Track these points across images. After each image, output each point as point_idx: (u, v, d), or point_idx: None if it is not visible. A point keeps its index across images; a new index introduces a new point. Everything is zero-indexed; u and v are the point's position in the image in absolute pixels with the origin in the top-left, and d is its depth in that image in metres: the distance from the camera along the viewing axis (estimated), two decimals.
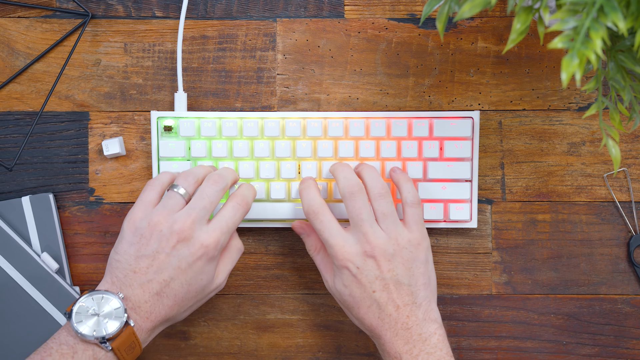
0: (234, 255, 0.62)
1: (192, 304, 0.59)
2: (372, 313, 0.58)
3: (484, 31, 0.68)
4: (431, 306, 0.59)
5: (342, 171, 0.62)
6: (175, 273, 0.57)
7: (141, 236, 0.57)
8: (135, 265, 0.56)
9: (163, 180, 0.61)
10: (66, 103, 0.69)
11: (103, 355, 0.54)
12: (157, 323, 0.57)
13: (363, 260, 0.58)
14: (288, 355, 0.69)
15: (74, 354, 0.53)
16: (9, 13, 0.69)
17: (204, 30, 0.69)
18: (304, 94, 0.69)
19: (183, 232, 0.56)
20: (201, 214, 0.58)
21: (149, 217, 0.57)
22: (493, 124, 0.69)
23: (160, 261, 0.56)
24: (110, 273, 0.57)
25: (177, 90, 0.67)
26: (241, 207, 0.60)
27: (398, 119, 0.66)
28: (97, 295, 0.55)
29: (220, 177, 0.60)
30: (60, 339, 0.54)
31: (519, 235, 0.69)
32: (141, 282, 0.56)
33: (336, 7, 0.69)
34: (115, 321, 0.54)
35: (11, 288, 0.66)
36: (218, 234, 0.58)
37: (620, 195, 0.69)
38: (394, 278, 0.58)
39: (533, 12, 0.47)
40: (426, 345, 0.57)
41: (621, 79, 0.52)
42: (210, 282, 0.59)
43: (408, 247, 0.59)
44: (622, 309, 0.69)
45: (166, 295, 0.57)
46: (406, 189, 0.62)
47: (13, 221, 0.67)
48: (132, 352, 0.55)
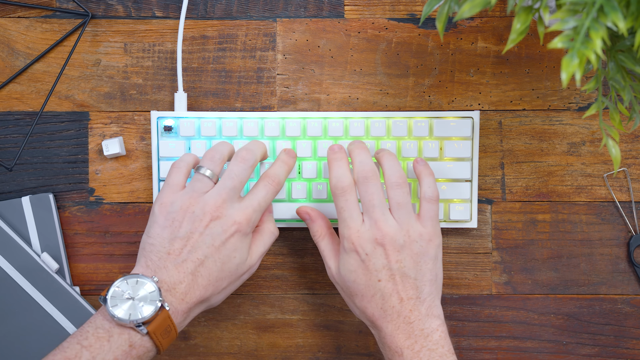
0: (267, 238, 0.62)
1: (226, 284, 0.59)
2: (375, 303, 0.58)
3: (484, 31, 0.68)
4: (435, 302, 0.59)
5: (359, 154, 0.61)
6: (210, 251, 0.57)
7: (173, 219, 0.58)
8: (169, 247, 0.57)
9: (188, 161, 0.61)
10: (66, 103, 0.69)
11: (139, 339, 0.54)
12: (192, 304, 0.56)
13: (373, 247, 0.58)
14: (288, 355, 0.70)
15: (109, 338, 0.53)
16: (9, 13, 0.69)
17: (204, 30, 0.69)
18: (304, 94, 0.69)
19: (215, 211, 0.57)
20: (231, 194, 0.58)
21: (180, 200, 0.58)
22: (493, 124, 0.69)
23: (194, 241, 0.57)
24: (145, 257, 0.57)
25: (177, 90, 0.67)
26: (272, 186, 0.60)
27: (398, 119, 0.66)
28: (131, 279, 0.55)
29: (248, 153, 0.60)
30: (96, 322, 0.55)
31: (519, 235, 0.69)
32: (176, 263, 0.56)
33: (336, 7, 0.69)
34: (150, 305, 0.54)
35: (11, 288, 0.66)
36: (250, 211, 0.58)
37: (620, 195, 0.69)
38: (401, 270, 0.58)
39: (533, 12, 0.47)
40: (428, 341, 0.57)
41: (621, 79, 0.52)
42: (243, 262, 0.59)
43: (419, 241, 0.59)
44: (622, 309, 0.69)
45: (200, 274, 0.57)
46: (427, 183, 0.61)
47: (13, 221, 0.67)
48: (167, 337, 0.55)
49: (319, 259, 0.69)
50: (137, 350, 0.54)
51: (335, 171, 0.61)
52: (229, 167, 0.59)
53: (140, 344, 0.54)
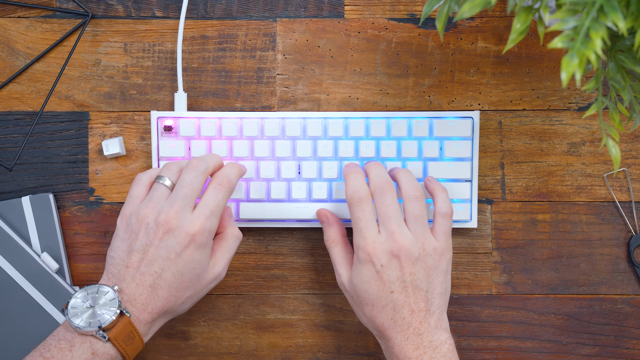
0: (231, 243, 0.61)
1: (191, 294, 0.58)
2: (386, 313, 0.58)
3: (484, 31, 0.68)
4: (443, 315, 0.59)
5: (376, 169, 0.61)
6: (166, 264, 0.57)
7: (131, 231, 0.58)
8: (127, 260, 0.57)
9: (151, 174, 0.61)
10: (66, 103, 0.69)
11: (101, 346, 0.54)
12: (155, 315, 0.56)
13: (389, 259, 0.58)
14: (288, 355, 0.69)
15: (71, 348, 0.53)
16: (9, 13, 0.69)
17: (204, 30, 0.69)
18: (304, 94, 0.69)
19: (168, 223, 0.57)
20: (184, 202, 0.57)
21: (137, 212, 0.58)
22: (493, 124, 0.69)
23: (150, 254, 0.57)
24: (107, 270, 0.58)
25: (177, 90, 0.67)
26: (223, 187, 0.59)
27: (398, 119, 0.66)
28: (92, 289, 0.56)
29: (199, 162, 0.60)
30: (58, 335, 0.55)
31: (519, 235, 0.69)
32: (134, 276, 0.56)
33: (336, 7, 0.69)
34: (110, 311, 0.54)
35: (11, 288, 0.66)
36: (202, 220, 0.57)
37: (620, 195, 0.69)
38: (414, 282, 0.58)
39: (533, 12, 0.47)
40: (436, 353, 0.57)
41: (621, 79, 0.52)
42: (205, 271, 0.59)
43: (432, 255, 0.59)
44: (622, 309, 0.69)
45: (160, 286, 0.57)
46: (441, 199, 0.62)
47: (13, 221, 0.67)
48: (131, 344, 0.55)
49: (319, 259, 0.69)
50: (100, 358, 0.54)
51: (352, 182, 0.60)
52: (180, 177, 0.59)
53: (103, 351, 0.54)
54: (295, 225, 0.67)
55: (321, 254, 0.69)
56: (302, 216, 0.66)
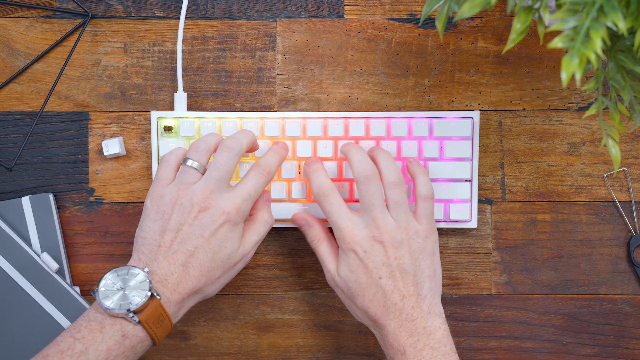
0: (260, 227, 0.62)
1: (219, 274, 0.59)
2: (377, 301, 0.58)
3: (484, 31, 0.68)
4: (435, 300, 0.59)
5: (357, 154, 0.61)
6: (199, 242, 0.57)
7: (163, 212, 0.58)
8: (160, 240, 0.57)
9: (177, 154, 0.61)
10: (66, 103, 0.69)
11: (131, 329, 0.54)
12: (185, 295, 0.57)
13: (371, 244, 0.58)
14: (288, 355, 0.69)
15: (102, 329, 0.54)
16: (9, 13, 0.69)
17: (204, 30, 0.69)
18: (304, 94, 0.69)
19: (203, 202, 0.57)
20: (219, 184, 0.58)
21: (169, 194, 0.58)
22: (493, 124, 0.69)
23: (183, 232, 0.57)
24: (137, 250, 0.58)
25: (177, 90, 0.67)
26: (263, 175, 0.60)
27: (398, 119, 0.66)
28: (122, 270, 0.56)
29: (233, 142, 0.60)
30: (89, 316, 0.55)
31: (519, 235, 0.69)
32: (166, 255, 0.57)
33: (336, 7, 0.69)
34: (140, 294, 0.54)
35: (11, 288, 0.66)
36: (239, 200, 0.58)
37: (620, 195, 0.69)
38: (400, 266, 0.58)
39: (533, 12, 0.47)
40: (430, 339, 0.57)
41: (621, 79, 0.52)
42: (235, 251, 0.59)
43: (416, 238, 0.59)
44: (622, 309, 0.69)
45: (192, 265, 0.57)
46: (421, 182, 0.62)
47: (13, 221, 0.67)
48: (161, 326, 0.55)
49: None
50: (131, 340, 0.54)
51: (315, 180, 0.62)
52: (215, 158, 0.59)
53: (133, 333, 0.54)
54: (295, 225, 0.67)
55: None
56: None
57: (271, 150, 0.63)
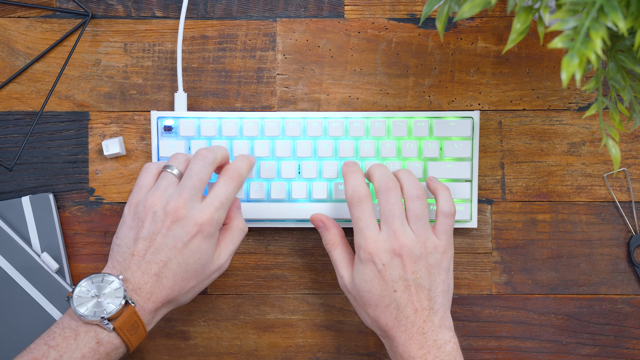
0: (236, 235, 0.61)
1: (194, 284, 0.59)
2: (390, 313, 0.58)
3: (484, 31, 0.68)
4: (446, 314, 0.59)
5: (379, 168, 0.61)
6: (172, 253, 0.57)
7: (139, 219, 0.58)
8: (133, 248, 0.57)
9: (159, 163, 0.61)
10: (66, 103, 0.69)
11: (106, 336, 0.54)
12: (159, 304, 0.57)
13: (390, 257, 0.58)
14: (288, 355, 0.69)
15: (76, 336, 0.54)
16: (9, 13, 0.69)
17: (204, 30, 0.69)
18: (304, 94, 0.69)
19: (176, 212, 0.57)
20: (192, 192, 0.57)
21: (145, 200, 0.58)
22: (493, 124, 0.69)
23: (157, 242, 0.57)
24: (112, 258, 0.58)
25: (177, 90, 0.67)
26: (233, 180, 0.59)
27: (398, 119, 0.66)
28: (97, 277, 0.56)
29: (208, 152, 0.59)
30: (63, 323, 0.55)
31: (519, 235, 0.69)
32: (140, 264, 0.56)
33: (336, 7, 0.69)
34: (115, 301, 0.54)
35: (11, 288, 0.66)
36: (211, 210, 0.57)
37: (620, 195, 0.69)
38: (417, 281, 0.58)
39: (533, 12, 0.47)
40: (441, 352, 0.57)
41: (621, 79, 0.52)
42: (210, 262, 0.59)
43: (434, 253, 0.59)
44: (622, 309, 0.69)
45: (165, 275, 0.57)
46: (443, 198, 0.61)
47: (13, 221, 0.67)
48: (135, 333, 0.55)
49: (319, 259, 0.69)
50: (105, 347, 0.54)
51: (351, 182, 0.60)
52: (189, 166, 0.59)
53: (108, 340, 0.54)
54: (295, 225, 0.67)
55: (321, 254, 0.69)
56: (302, 216, 0.66)
57: (239, 156, 0.62)
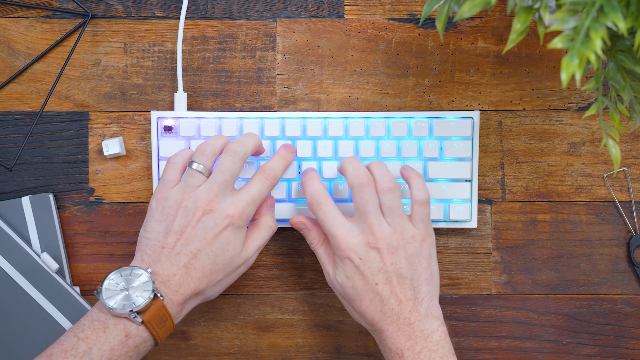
0: (264, 232, 0.62)
1: (221, 277, 0.59)
2: (374, 306, 0.58)
3: (484, 31, 0.68)
4: (433, 302, 0.59)
5: (351, 163, 0.61)
6: (202, 244, 0.57)
7: (168, 214, 0.58)
8: (163, 241, 0.58)
9: (184, 156, 0.61)
10: (66, 103, 0.69)
11: (134, 329, 0.55)
12: (187, 296, 0.57)
13: (366, 251, 0.58)
14: (288, 355, 0.70)
15: (105, 329, 0.54)
16: (9, 13, 0.69)
17: (204, 30, 0.69)
18: (304, 94, 0.69)
19: (207, 205, 0.58)
20: (223, 187, 0.58)
21: (174, 196, 0.59)
22: (493, 124, 0.69)
23: (187, 234, 0.58)
24: (140, 251, 0.58)
25: (177, 90, 0.67)
26: (267, 180, 0.61)
27: (398, 119, 0.66)
28: (125, 271, 0.56)
29: (238, 146, 0.60)
30: (92, 315, 0.55)
31: (519, 235, 0.69)
32: (169, 256, 0.57)
33: (336, 7, 0.69)
34: (144, 294, 0.55)
35: (11, 288, 0.66)
36: (243, 204, 0.59)
37: (620, 195, 0.69)
38: (397, 272, 0.58)
39: (533, 12, 0.47)
40: (428, 342, 0.57)
41: (621, 79, 0.52)
42: (238, 255, 0.59)
43: (412, 242, 0.59)
44: (622, 309, 0.69)
45: (194, 267, 0.57)
46: (417, 186, 0.61)
47: (13, 221, 0.67)
48: (163, 326, 0.56)
49: None
50: (134, 340, 0.54)
51: (308, 188, 0.61)
52: (219, 161, 0.60)
53: (137, 333, 0.55)
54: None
55: None
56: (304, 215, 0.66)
57: (277, 154, 0.63)
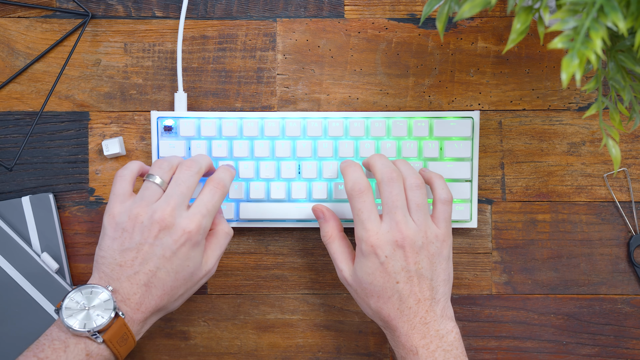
0: (222, 240, 0.61)
1: (183, 292, 0.59)
2: (392, 304, 0.58)
3: (484, 31, 0.68)
4: (447, 303, 0.59)
5: (380, 159, 0.61)
6: (161, 262, 0.56)
7: (123, 230, 0.57)
8: (120, 259, 0.56)
9: (132, 169, 0.60)
10: (66, 103, 0.69)
11: (95, 348, 0.54)
12: (148, 314, 0.57)
13: (393, 249, 0.57)
14: (288, 355, 0.70)
15: (65, 348, 0.54)
16: (9, 13, 0.69)
17: (204, 30, 0.69)
18: (304, 94, 0.69)
19: (164, 221, 0.56)
20: (179, 200, 0.57)
21: (128, 210, 0.57)
22: (493, 124, 0.69)
23: (144, 252, 0.56)
24: (97, 269, 0.57)
25: (177, 90, 0.67)
26: (218, 189, 0.60)
27: (398, 119, 0.66)
28: (85, 289, 0.55)
29: (193, 162, 0.60)
30: (52, 335, 0.55)
31: (519, 235, 0.69)
32: (128, 275, 0.56)
33: (336, 7, 0.69)
34: (105, 313, 0.54)
35: (11, 288, 0.66)
36: (199, 217, 0.57)
37: (620, 195, 0.69)
38: (419, 271, 0.58)
39: (533, 12, 0.47)
40: (443, 342, 0.57)
41: (621, 79, 0.52)
42: (198, 269, 0.59)
43: (434, 242, 0.59)
44: (622, 309, 0.69)
45: (154, 285, 0.57)
46: (439, 186, 0.61)
47: (13, 221, 0.67)
48: (125, 344, 0.55)
49: (318, 259, 0.69)
50: (95, 359, 0.54)
51: (351, 175, 0.60)
52: (175, 175, 0.59)
53: (97, 352, 0.54)
54: (295, 225, 0.67)
55: (321, 253, 0.69)
56: (302, 216, 0.66)
57: (221, 167, 0.62)
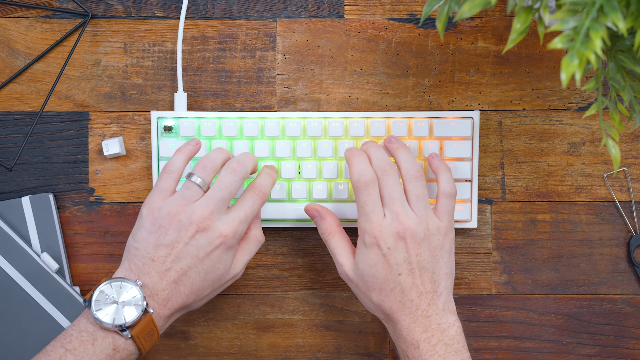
0: (253, 246, 0.62)
1: (208, 292, 0.59)
2: (394, 296, 0.58)
3: (484, 31, 0.68)
4: (449, 297, 0.59)
5: (375, 150, 0.61)
6: (193, 262, 0.57)
7: (160, 225, 0.57)
8: (154, 254, 0.57)
9: (179, 165, 0.60)
10: (66, 103, 0.69)
11: (123, 343, 0.55)
12: (174, 310, 0.57)
13: (395, 241, 0.58)
14: (288, 355, 0.70)
15: (94, 341, 0.54)
16: (9, 13, 0.69)
17: (204, 30, 0.69)
18: (304, 94, 0.69)
19: (202, 222, 0.57)
20: (219, 205, 0.58)
21: (168, 207, 0.58)
22: (493, 124, 0.69)
23: (178, 250, 0.57)
24: (129, 260, 0.58)
25: (177, 90, 0.67)
26: (259, 197, 0.60)
27: (398, 119, 0.66)
28: (115, 282, 0.56)
29: (239, 165, 0.60)
30: (79, 326, 0.55)
31: (519, 235, 0.69)
32: (159, 270, 0.57)
33: (336, 7, 0.69)
34: (134, 309, 0.55)
35: (11, 288, 0.66)
36: (237, 223, 0.58)
37: (620, 195, 0.69)
38: (420, 263, 0.58)
39: (533, 12, 0.47)
40: (444, 336, 0.57)
41: (621, 79, 0.52)
42: (227, 272, 0.59)
43: (436, 235, 0.59)
44: (622, 309, 0.69)
45: (183, 283, 0.57)
46: (445, 179, 0.61)
47: (13, 221, 0.67)
48: (150, 340, 0.56)
49: (318, 259, 0.69)
50: (121, 354, 0.55)
51: (356, 166, 0.60)
52: (220, 178, 0.59)
53: (124, 347, 0.55)
54: (295, 225, 0.67)
55: (321, 253, 0.69)
56: (302, 216, 0.66)
57: (264, 172, 0.63)
